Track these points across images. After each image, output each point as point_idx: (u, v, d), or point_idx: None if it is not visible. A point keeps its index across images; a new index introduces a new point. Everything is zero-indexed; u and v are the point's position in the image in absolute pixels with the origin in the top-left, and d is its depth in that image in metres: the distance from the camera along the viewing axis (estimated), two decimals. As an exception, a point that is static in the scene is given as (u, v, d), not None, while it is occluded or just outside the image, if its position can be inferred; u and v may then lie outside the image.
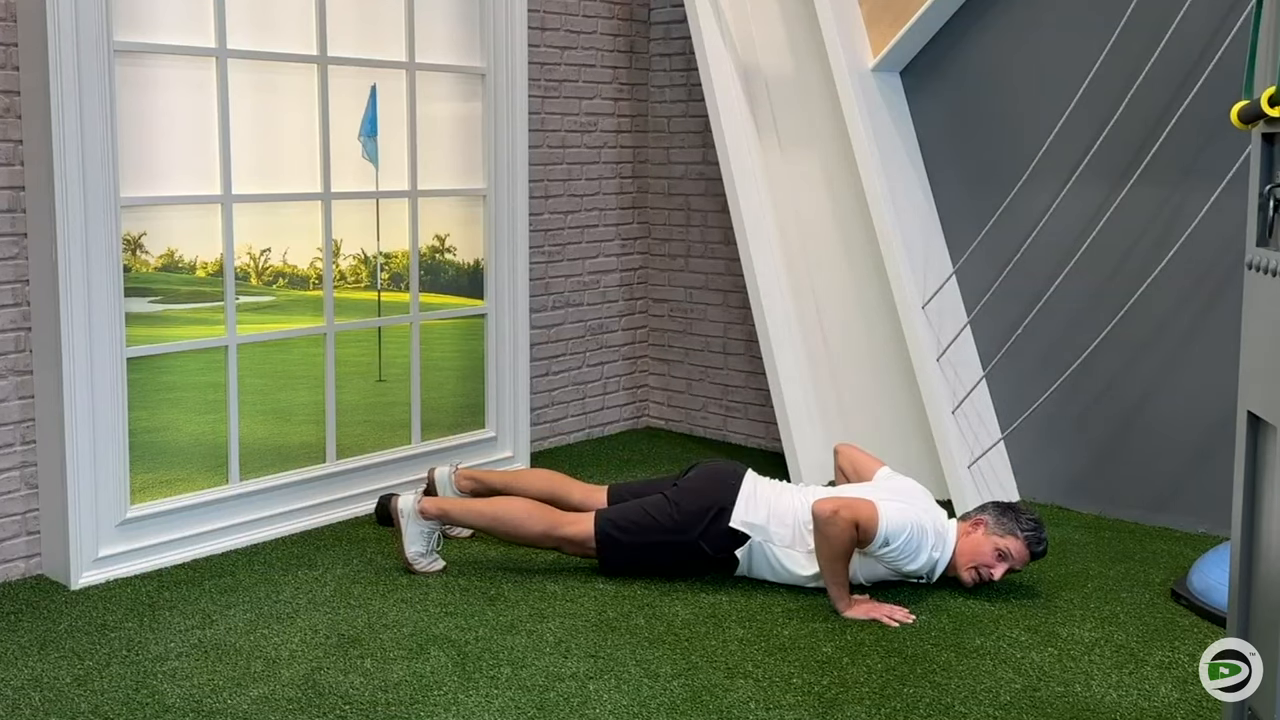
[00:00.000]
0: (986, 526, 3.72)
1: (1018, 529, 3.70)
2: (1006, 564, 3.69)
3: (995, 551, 3.68)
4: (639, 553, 3.83)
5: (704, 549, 3.79)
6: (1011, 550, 3.68)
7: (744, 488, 3.82)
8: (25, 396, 3.83)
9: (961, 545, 3.72)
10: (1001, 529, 3.71)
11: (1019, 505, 3.81)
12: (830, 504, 3.57)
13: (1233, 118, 2.09)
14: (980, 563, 3.69)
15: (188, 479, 4.09)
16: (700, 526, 3.78)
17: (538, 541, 3.91)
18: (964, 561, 3.71)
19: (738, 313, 5.55)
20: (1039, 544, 3.71)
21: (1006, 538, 3.69)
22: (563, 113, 5.37)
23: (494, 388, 4.97)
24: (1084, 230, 4.46)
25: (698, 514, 3.78)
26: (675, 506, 3.81)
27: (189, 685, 3.10)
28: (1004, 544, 3.68)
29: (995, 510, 3.77)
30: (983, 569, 3.69)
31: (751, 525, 3.76)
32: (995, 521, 3.72)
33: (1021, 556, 3.70)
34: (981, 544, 3.70)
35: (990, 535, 3.70)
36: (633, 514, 3.85)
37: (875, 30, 4.78)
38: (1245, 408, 2.12)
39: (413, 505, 3.91)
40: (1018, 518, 3.73)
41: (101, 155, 3.73)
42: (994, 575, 3.69)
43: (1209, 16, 4.15)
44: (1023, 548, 3.69)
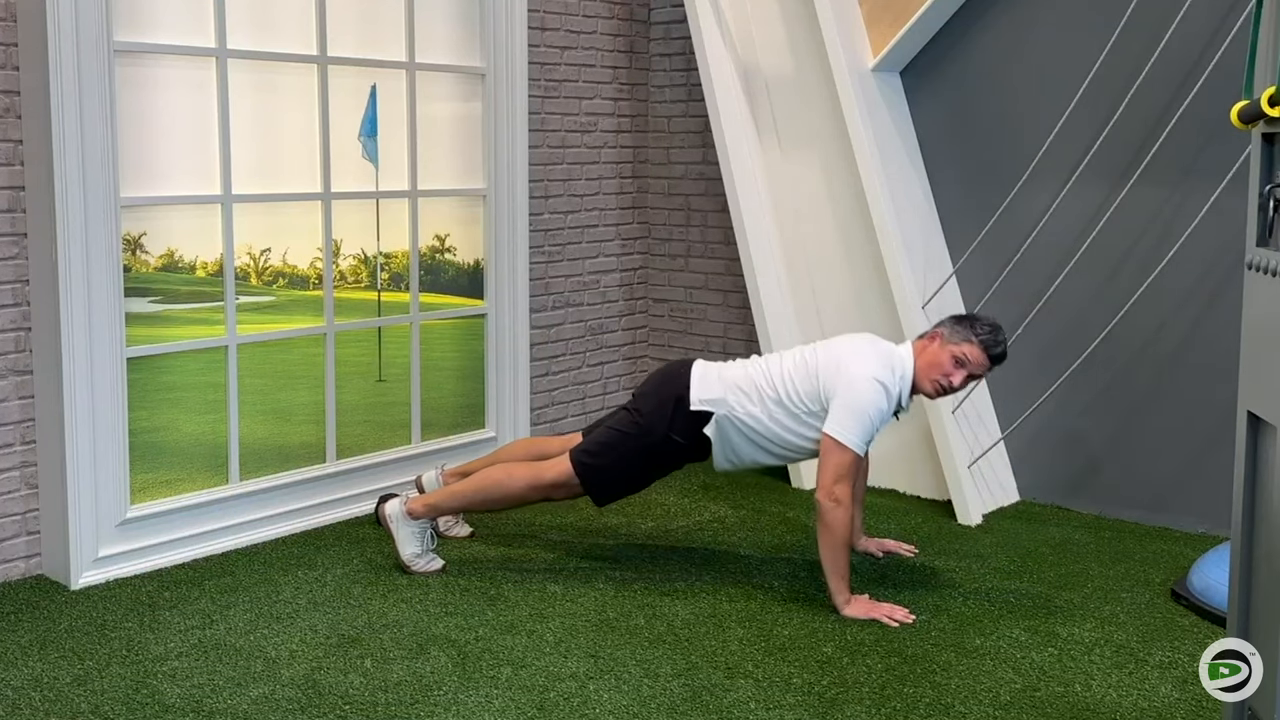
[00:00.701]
0: (943, 338, 3.69)
1: (973, 335, 3.66)
2: (965, 370, 3.66)
3: (952, 359, 3.64)
4: (619, 469, 3.82)
5: (677, 440, 3.78)
6: (969, 355, 3.64)
7: (694, 372, 3.81)
8: (25, 396, 3.83)
9: (919, 362, 3.68)
10: (958, 336, 3.66)
11: (976, 314, 3.78)
12: (824, 488, 3.55)
13: (1233, 118, 2.09)
14: (940, 374, 3.66)
15: (188, 479, 4.09)
16: (665, 421, 3.77)
17: (525, 496, 3.89)
18: (924, 376, 3.67)
19: (738, 313, 5.55)
20: (996, 345, 3.67)
21: (962, 344, 3.65)
22: (563, 113, 5.37)
23: (494, 388, 4.97)
24: (1084, 230, 4.46)
25: (659, 410, 3.78)
26: (637, 412, 3.83)
27: (189, 685, 3.10)
28: (960, 350, 3.64)
29: (951, 321, 3.74)
30: (942, 379, 3.66)
31: (709, 400, 3.75)
32: (951, 331, 3.69)
33: (979, 360, 3.66)
34: (939, 354, 3.66)
35: (946, 345, 3.67)
36: (600, 436, 3.87)
37: (875, 30, 4.78)
38: (1245, 408, 2.12)
39: (399, 508, 3.92)
40: (973, 324, 3.69)
41: (101, 155, 3.73)
42: (954, 382, 3.66)
43: (1209, 16, 4.15)
44: (979, 352, 3.65)
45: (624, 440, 3.82)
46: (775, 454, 3.80)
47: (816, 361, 3.71)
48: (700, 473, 5.00)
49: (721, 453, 3.80)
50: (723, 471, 3.89)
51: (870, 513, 4.40)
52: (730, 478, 5.00)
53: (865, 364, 3.64)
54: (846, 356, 3.68)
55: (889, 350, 3.73)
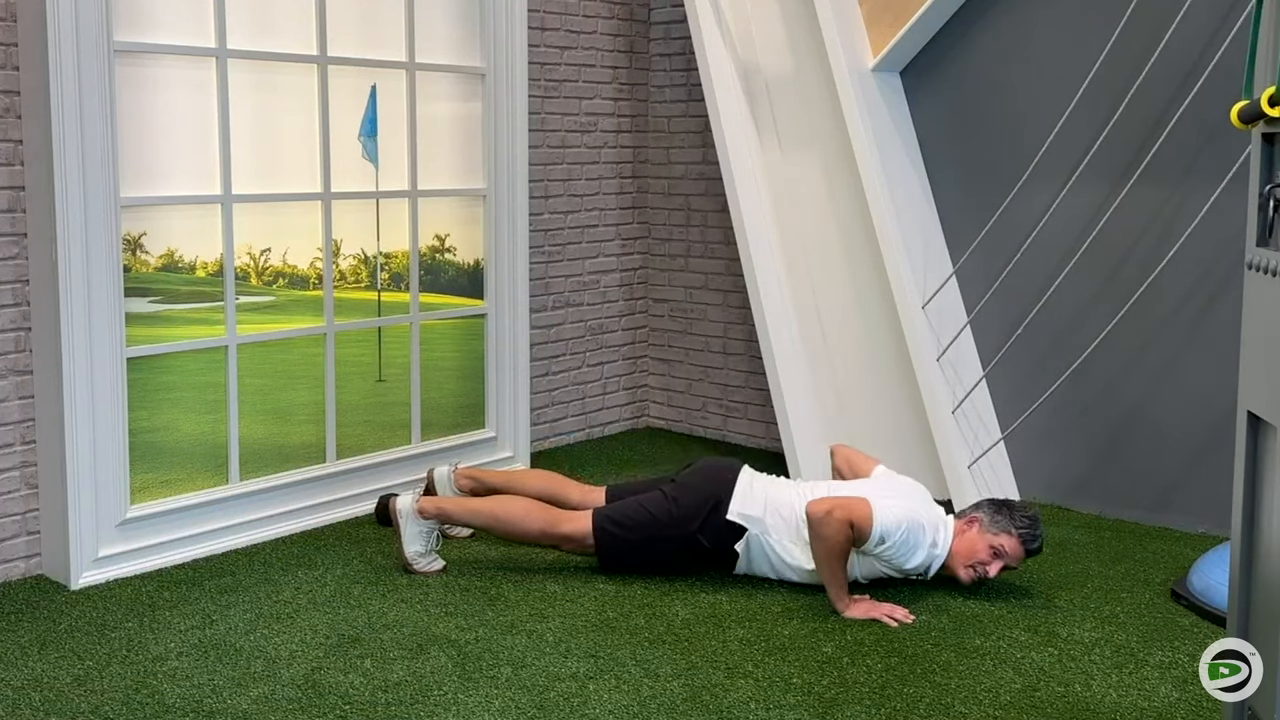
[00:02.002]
0: (981, 524, 3.72)
1: (1012, 526, 3.70)
2: (1002, 561, 3.69)
3: (990, 549, 3.68)
4: (637, 548, 3.83)
5: (702, 542, 3.79)
6: (1006, 548, 3.68)
7: (740, 481, 3.82)
8: (25, 396, 3.83)
9: (957, 543, 3.72)
10: (996, 527, 3.71)
11: (1014, 502, 3.81)
12: (824, 504, 3.57)
13: (1233, 118, 2.09)
14: (976, 560, 3.69)
15: (188, 479, 4.09)
16: (698, 520, 3.78)
17: (536, 539, 3.92)
18: (960, 560, 3.71)
19: (738, 313, 5.55)
20: (1034, 540, 3.71)
21: (1001, 535, 3.69)
22: (563, 113, 5.37)
23: (494, 388, 4.97)
24: (1084, 230, 4.46)
25: (695, 507, 3.79)
26: (672, 501, 3.82)
27: (189, 685, 3.10)
28: (999, 542, 3.68)
29: (990, 508, 3.76)
30: (979, 566, 3.69)
31: (748, 517, 3.76)
32: (990, 519, 3.72)
33: (1016, 554, 3.70)
34: (976, 542, 3.70)
35: (985, 533, 3.70)
36: (630, 510, 3.85)
37: (875, 30, 4.78)
38: (1245, 408, 2.12)
39: (411, 505, 3.92)
40: (1012, 515, 3.72)
41: (101, 155, 3.73)
42: (989, 573, 3.69)
43: (1209, 16, 4.15)
44: (1018, 545, 3.69)
45: (652, 524, 3.81)
46: (793, 575, 3.80)
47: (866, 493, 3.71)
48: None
49: (744, 565, 3.83)
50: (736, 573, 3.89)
51: (870, 513, 4.40)
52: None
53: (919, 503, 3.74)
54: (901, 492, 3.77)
55: (939, 512, 3.79)
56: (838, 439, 4.72)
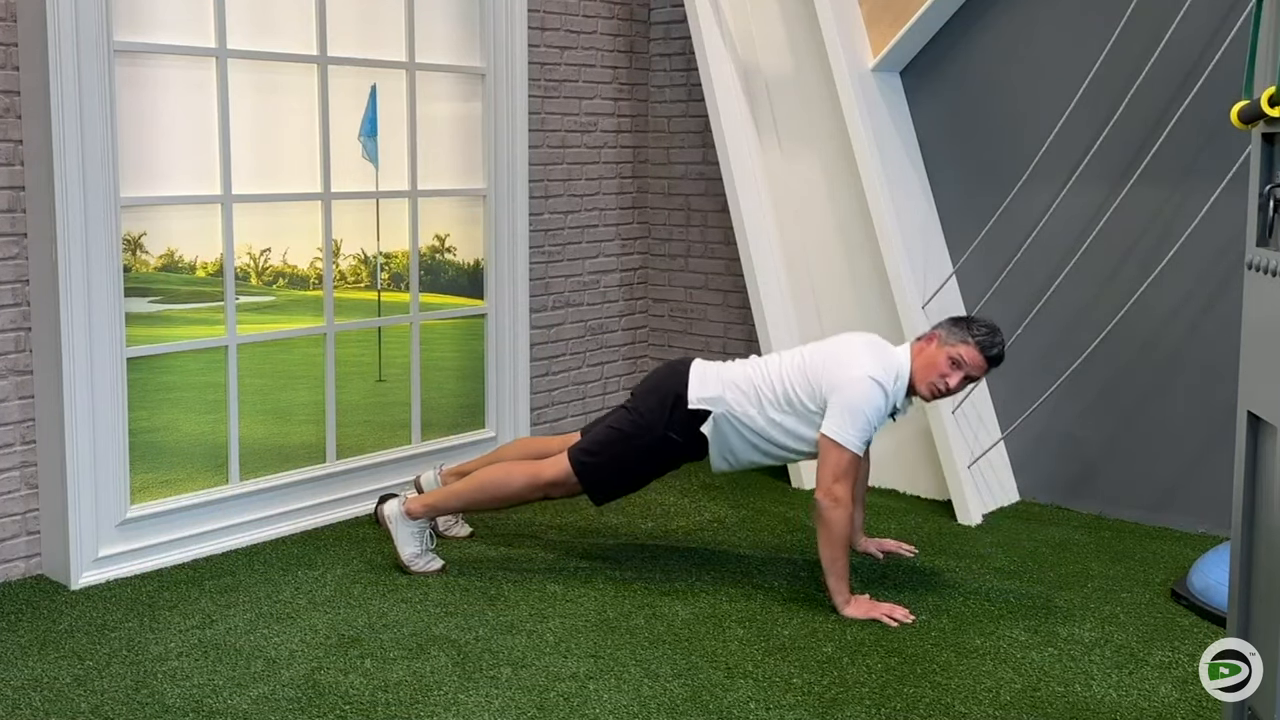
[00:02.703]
0: (940, 340, 3.68)
1: (969, 336, 3.65)
2: (961, 371, 3.64)
3: (949, 360, 3.63)
4: (618, 467, 3.83)
5: (674, 439, 3.78)
6: (965, 357, 3.63)
7: (693, 371, 3.81)
8: (25, 396, 3.83)
9: (916, 364, 3.67)
10: (954, 338, 3.65)
11: (974, 315, 3.76)
12: (823, 488, 3.55)
13: (1233, 118, 2.09)
14: (935, 374, 3.65)
15: (188, 479, 4.09)
16: (663, 419, 3.77)
17: (524, 495, 3.90)
18: (920, 378, 3.66)
19: (738, 313, 5.55)
20: (993, 346, 3.65)
21: (959, 345, 3.64)
22: (563, 113, 5.37)
23: (494, 388, 4.97)
24: (1084, 230, 4.46)
25: (658, 409, 3.79)
26: (634, 412, 3.83)
27: (189, 685, 3.10)
28: (956, 352, 3.63)
29: (949, 322, 3.72)
30: (938, 380, 3.65)
31: (707, 399, 3.75)
32: (948, 332, 3.67)
33: (976, 362, 3.64)
34: (935, 356, 3.65)
35: (943, 346, 3.66)
36: (599, 434, 3.87)
37: (875, 30, 4.78)
38: (1245, 408, 2.12)
39: (398, 508, 3.92)
40: (970, 325, 3.68)
41: (101, 155, 3.73)
42: (950, 384, 3.65)
43: (1209, 16, 4.15)
44: (976, 353, 3.63)
45: (622, 439, 3.82)
46: (771, 454, 3.80)
47: (814, 361, 3.71)
48: (700, 473, 5.00)
49: (718, 452, 3.80)
50: (719, 472, 3.89)
51: (870, 513, 4.40)
52: (730, 477, 5.00)
53: (862, 364, 3.63)
54: (844, 356, 3.68)
55: (886, 351, 3.72)
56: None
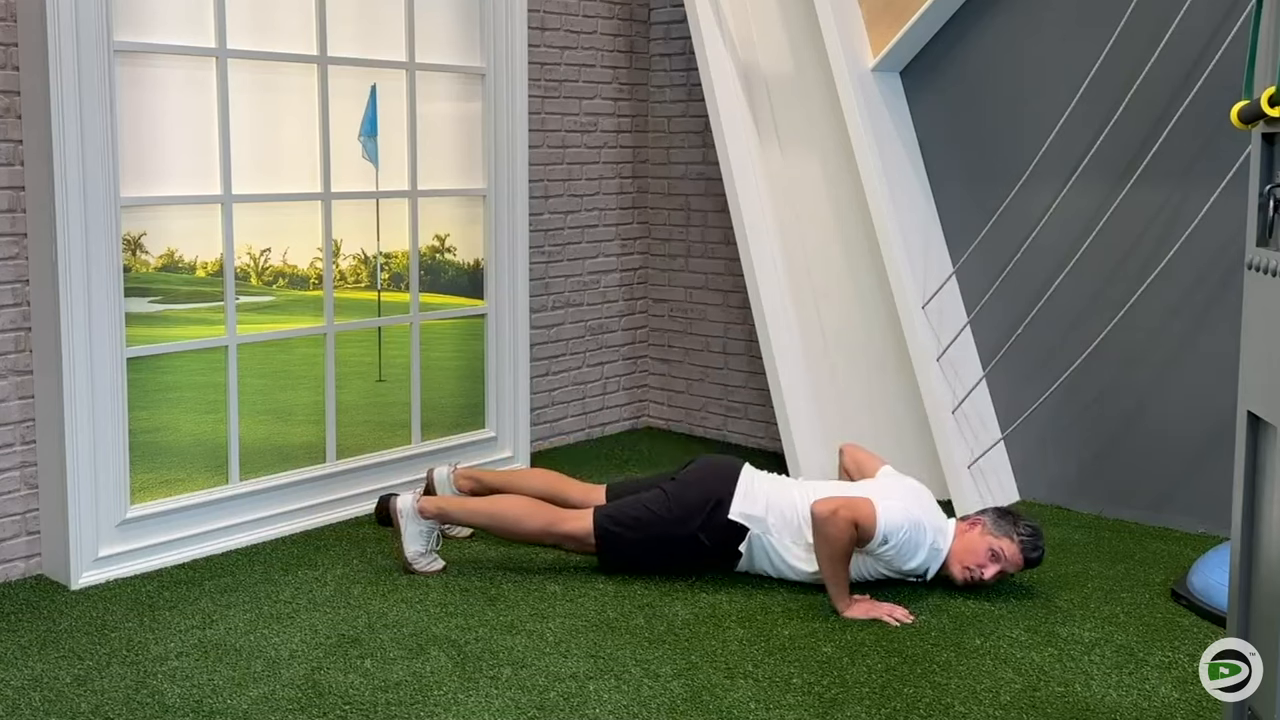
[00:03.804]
0: (984, 526, 3.74)
1: (1014, 532, 3.71)
2: (999, 565, 3.70)
3: (989, 551, 3.69)
4: (638, 547, 3.83)
5: (703, 541, 3.79)
6: (1005, 552, 3.69)
7: (742, 480, 3.82)
8: (25, 396, 3.83)
9: (957, 544, 3.73)
10: (998, 530, 3.72)
11: (1018, 512, 3.83)
12: (829, 504, 3.57)
13: (1233, 118, 2.09)
14: (974, 561, 3.70)
15: (188, 479, 4.09)
16: (699, 519, 3.78)
17: (537, 538, 3.92)
18: (957, 559, 3.72)
19: (738, 313, 5.55)
20: (1034, 550, 3.72)
21: (1001, 539, 3.70)
22: (563, 113, 5.37)
23: (494, 388, 4.97)
24: (1084, 230, 4.46)
25: (696, 507, 3.79)
26: (673, 500, 3.82)
27: (189, 685, 3.10)
28: (998, 545, 3.69)
29: (994, 513, 3.79)
30: (975, 568, 3.70)
31: (750, 517, 3.76)
32: (993, 523, 3.74)
33: (1014, 559, 3.71)
34: (976, 543, 3.71)
35: (986, 535, 3.72)
36: (631, 509, 3.85)
37: (875, 30, 4.78)
38: (1245, 408, 2.12)
39: (411, 505, 3.92)
40: (1015, 522, 3.75)
41: (101, 155, 3.73)
42: (985, 575, 3.69)
43: (1209, 16, 4.15)
44: (1017, 551, 3.70)
45: (654, 522, 3.81)
46: (793, 578, 3.80)
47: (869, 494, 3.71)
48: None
49: (745, 564, 3.84)
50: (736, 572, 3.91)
51: (870, 513, 4.40)
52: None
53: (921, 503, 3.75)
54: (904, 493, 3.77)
55: (942, 515, 3.80)
56: (837, 439, 4.71)
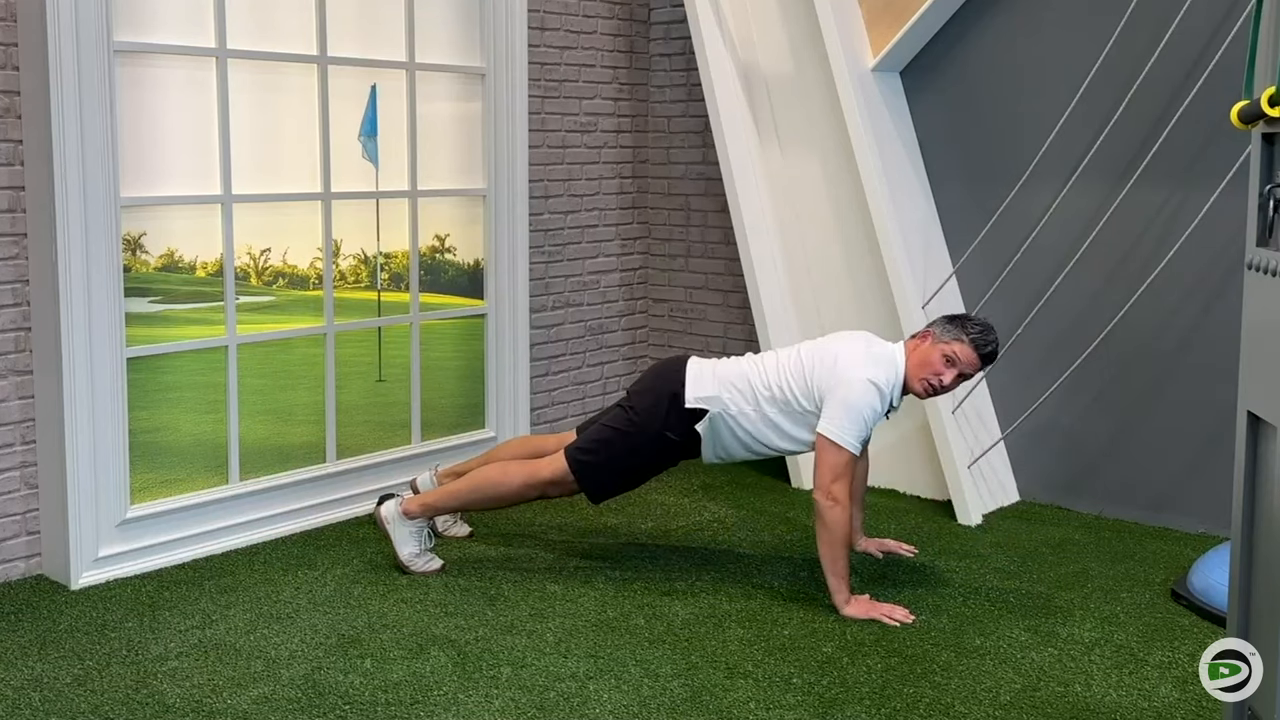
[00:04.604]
0: (934, 337, 3.69)
1: (964, 334, 3.67)
2: (955, 369, 3.66)
3: (943, 358, 3.65)
4: (615, 466, 3.83)
5: (671, 438, 3.78)
6: (959, 354, 3.65)
7: (690, 369, 3.81)
8: (25, 396, 3.83)
9: (911, 360, 3.69)
10: (948, 335, 3.67)
11: (967, 314, 3.78)
12: (821, 487, 3.56)
13: (1233, 118, 2.09)
14: (930, 373, 3.66)
15: (188, 479, 4.09)
16: (660, 417, 3.78)
17: (521, 494, 3.91)
18: (914, 375, 3.68)
19: (738, 313, 5.55)
20: (986, 345, 3.68)
21: (953, 343, 3.66)
22: (563, 113, 5.37)
23: (494, 388, 4.97)
24: (1084, 230, 4.46)
25: (654, 407, 3.79)
26: (631, 409, 3.84)
27: (189, 685, 3.10)
28: (950, 349, 3.65)
29: (943, 320, 3.74)
30: (932, 378, 3.66)
31: (704, 398, 3.75)
32: (942, 330, 3.69)
33: (970, 359, 3.67)
34: (929, 353, 3.67)
35: (937, 344, 3.67)
36: (595, 434, 3.87)
37: (875, 30, 4.78)
38: (1245, 408, 2.12)
39: (395, 509, 3.92)
40: (964, 324, 3.70)
41: (101, 155, 3.73)
42: (944, 381, 3.67)
43: (1209, 16, 4.15)
44: (970, 351, 3.66)
45: (619, 437, 3.82)
46: (763, 452, 3.82)
47: (810, 361, 3.72)
48: (700, 473, 5.00)
49: (711, 449, 3.82)
50: (710, 464, 3.90)
51: (870, 513, 4.40)
52: (730, 477, 5.00)
53: (858, 363, 3.65)
54: (840, 356, 3.69)
55: (882, 349, 3.74)
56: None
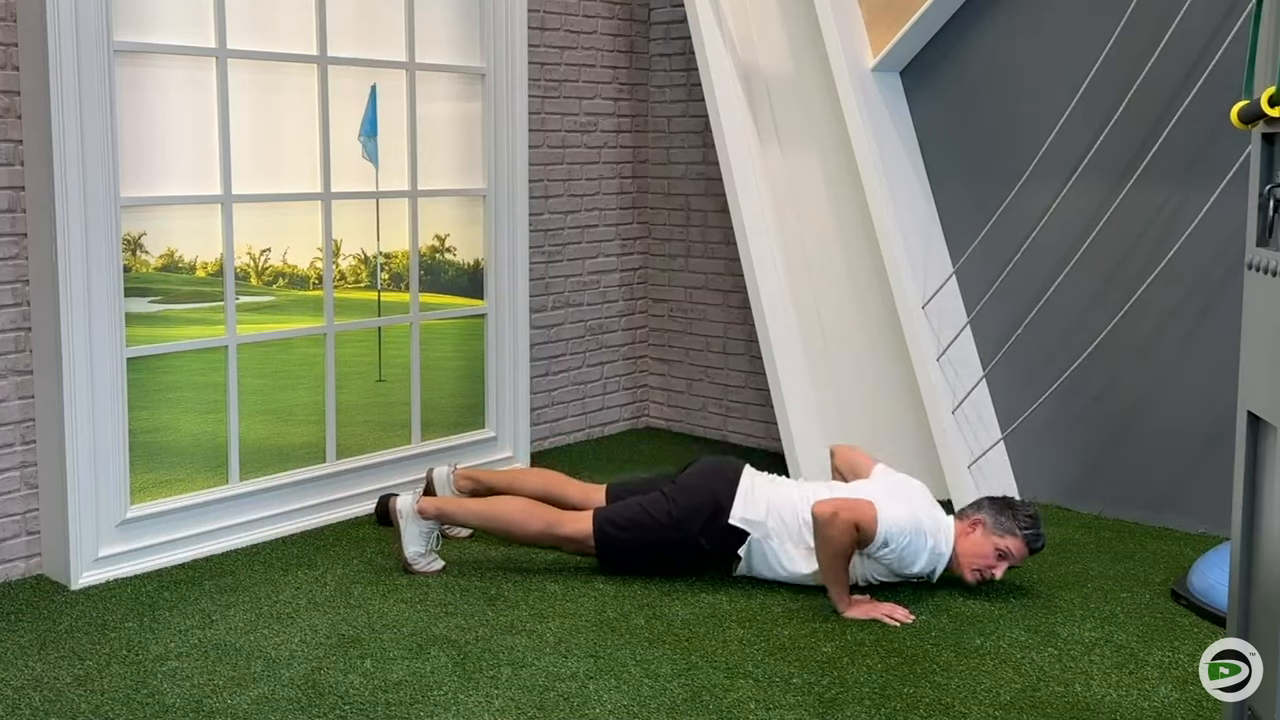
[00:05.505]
0: (985, 526, 3.73)
1: (1016, 528, 3.71)
2: (1007, 562, 3.71)
3: (995, 551, 3.69)
4: (637, 550, 3.83)
5: (702, 545, 3.79)
6: (1012, 549, 3.70)
7: (742, 483, 3.82)
8: (25, 396, 3.83)
9: (961, 545, 3.72)
10: (1000, 529, 3.71)
11: (1015, 501, 3.81)
12: (830, 505, 3.57)
13: (1233, 118, 2.09)
14: (982, 564, 3.70)
15: (188, 479, 4.09)
16: (699, 523, 3.78)
17: (536, 540, 3.92)
18: (965, 562, 3.72)
19: (738, 313, 5.55)
20: (1037, 540, 3.73)
21: (1005, 537, 3.70)
22: (563, 113, 5.37)
23: (494, 388, 4.97)
24: (1084, 230, 4.46)
25: (696, 510, 3.79)
26: (673, 503, 3.82)
27: (189, 685, 3.10)
28: (1004, 544, 3.69)
29: (992, 508, 3.77)
30: (985, 570, 3.70)
31: (750, 521, 3.76)
32: (994, 521, 3.73)
33: (1021, 554, 3.72)
34: (981, 544, 3.71)
35: (990, 535, 3.71)
36: (631, 512, 3.85)
37: (875, 30, 4.78)
38: (1245, 408, 2.12)
39: (411, 505, 3.92)
40: (1015, 516, 3.73)
41: (101, 155, 3.73)
42: (996, 575, 3.71)
43: (1209, 16, 4.15)
44: (1022, 546, 3.71)
45: (653, 527, 3.81)
46: (792, 582, 3.79)
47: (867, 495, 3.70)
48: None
49: (745, 567, 3.83)
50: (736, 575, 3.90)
51: (870, 513, 4.40)
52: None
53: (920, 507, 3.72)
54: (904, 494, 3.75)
55: (941, 515, 3.78)
56: (838, 439, 4.71)
